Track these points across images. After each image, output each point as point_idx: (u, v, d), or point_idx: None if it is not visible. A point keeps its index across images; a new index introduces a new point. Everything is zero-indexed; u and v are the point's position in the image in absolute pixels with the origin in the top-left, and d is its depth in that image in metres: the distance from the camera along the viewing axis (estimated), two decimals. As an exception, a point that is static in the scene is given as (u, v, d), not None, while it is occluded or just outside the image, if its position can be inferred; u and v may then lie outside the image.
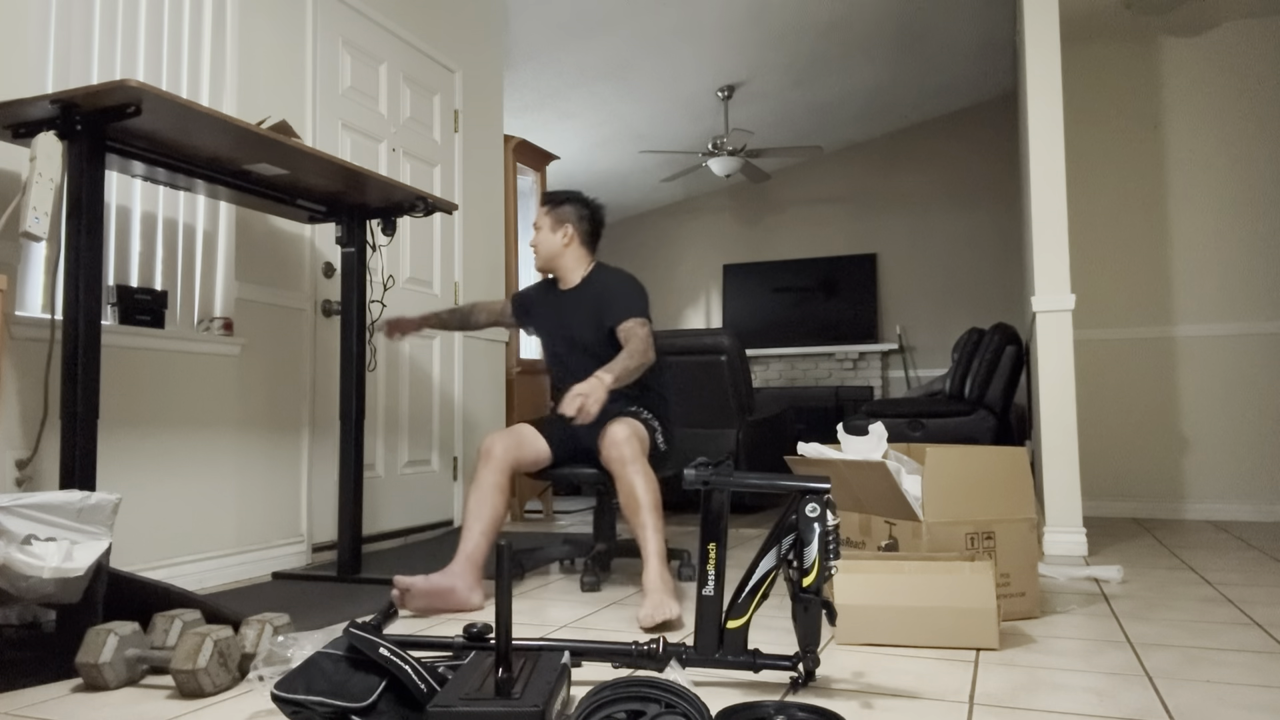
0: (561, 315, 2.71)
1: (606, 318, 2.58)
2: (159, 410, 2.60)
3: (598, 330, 2.62)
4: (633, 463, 2.34)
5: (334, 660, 1.40)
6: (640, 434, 2.43)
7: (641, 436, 2.42)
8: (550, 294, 2.78)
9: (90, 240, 1.96)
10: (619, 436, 2.37)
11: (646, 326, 2.54)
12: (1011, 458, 2.19)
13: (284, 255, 3.12)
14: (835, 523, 1.55)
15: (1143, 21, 4.25)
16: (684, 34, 5.48)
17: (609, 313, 2.58)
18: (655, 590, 2.17)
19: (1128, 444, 4.28)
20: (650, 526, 2.28)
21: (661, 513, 2.33)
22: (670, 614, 2.06)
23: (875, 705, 1.49)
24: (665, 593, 2.16)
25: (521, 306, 2.87)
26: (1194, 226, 4.26)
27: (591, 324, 2.63)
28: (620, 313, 2.56)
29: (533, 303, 2.83)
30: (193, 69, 2.81)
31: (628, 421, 2.44)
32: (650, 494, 2.32)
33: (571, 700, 1.49)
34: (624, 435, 2.37)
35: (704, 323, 8.54)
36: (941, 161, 7.73)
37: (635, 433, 2.41)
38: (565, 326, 2.70)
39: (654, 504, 2.32)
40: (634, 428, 2.43)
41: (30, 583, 1.60)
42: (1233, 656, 1.78)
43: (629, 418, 2.49)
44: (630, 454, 2.35)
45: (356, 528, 2.83)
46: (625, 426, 2.40)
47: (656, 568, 2.23)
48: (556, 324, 2.73)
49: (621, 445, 2.35)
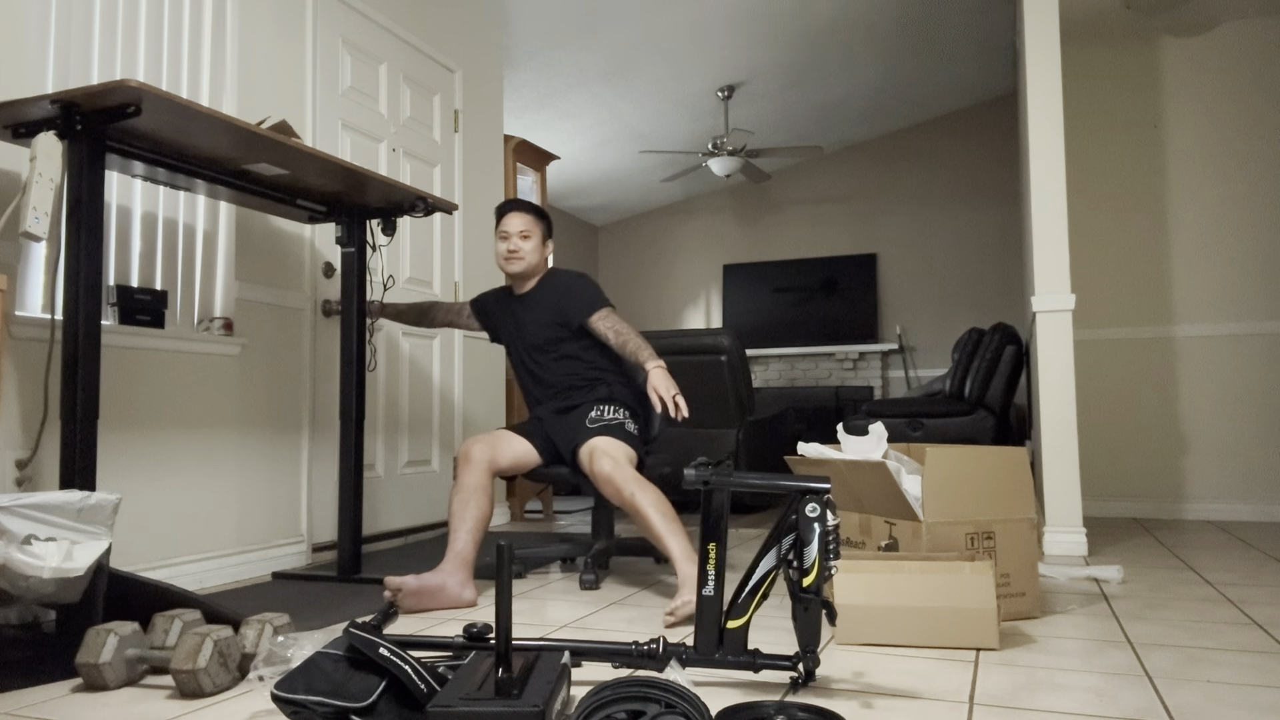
0: (520, 320, 2.77)
1: (573, 316, 2.66)
2: (159, 410, 2.60)
3: (558, 329, 2.68)
4: (624, 486, 2.37)
5: (334, 660, 1.39)
6: (616, 452, 2.45)
7: (617, 454, 2.44)
8: (507, 301, 2.84)
9: (90, 240, 1.96)
10: (602, 472, 2.40)
11: (615, 311, 2.68)
12: (1011, 458, 2.19)
13: (284, 255, 3.12)
14: (835, 523, 1.55)
15: (1143, 21, 4.24)
16: (684, 34, 5.48)
17: (575, 310, 2.66)
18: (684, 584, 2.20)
19: (1128, 444, 4.28)
20: (666, 533, 2.31)
21: (669, 512, 2.35)
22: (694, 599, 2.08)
23: (875, 705, 1.49)
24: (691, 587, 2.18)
25: (482, 310, 2.93)
26: (1194, 226, 4.26)
27: (550, 323, 2.69)
28: (587, 307, 2.66)
29: (492, 308, 2.89)
30: (193, 69, 2.81)
31: (601, 448, 2.45)
32: (653, 505, 2.34)
33: (571, 700, 1.49)
34: (608, 468, 2.39)
35: (704, 323, 8.55)
36: (941, 161, 7.73)
37: (613, 454, 2.43)
38: (523, 329, 2.76)
39: (661, 511, 2.34)
40: (609, 451, 2.44)
41: (30, 583, 1.60)
42: (1233, 656, 1.78)
43: (600, 435, 2.51)
44: (620, 480, 2.38)
45: (356, 528, 2.83)
46: (604, 458, 2.42)
47: (682, 569, 2.25)
48: (516, 330, 2.78)
49: (611, 477, 2.39)
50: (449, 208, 2.91)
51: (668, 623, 2.10)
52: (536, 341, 2.72)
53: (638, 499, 2.35)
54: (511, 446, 2.58)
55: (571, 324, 2.66)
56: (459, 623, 2.14)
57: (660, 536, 2.32)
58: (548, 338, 2.69)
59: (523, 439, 2.62)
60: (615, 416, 2.61)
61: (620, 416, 2.62)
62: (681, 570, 2.25)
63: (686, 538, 2.31)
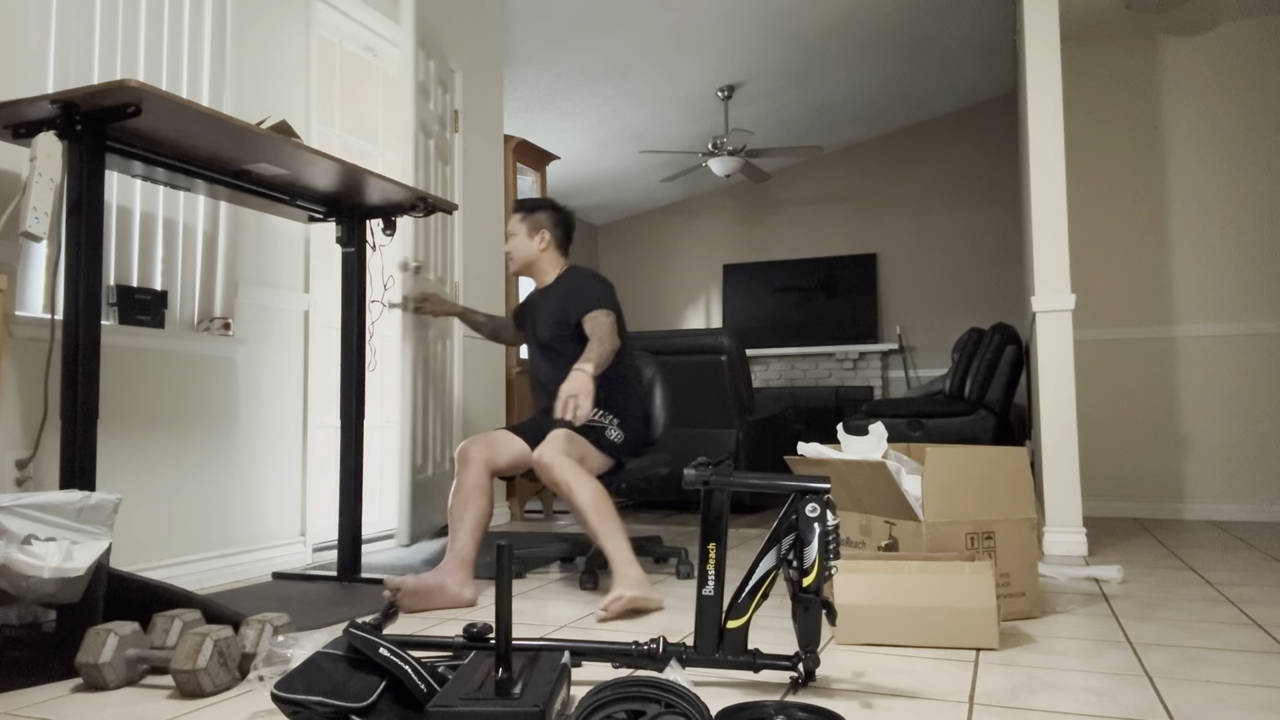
0: (535, 314, 2.77)
1: (572, 312, 2.63)
2: (159, 410, 2.60)
3: (559, 327, 2.66)
4: (560, 476, 2.35)
5: (334, 660, 1.39)
6: (562, 443, 2.41)
7: (561, 444, 2.40)
8: (532, 295, 2.85)
9: (90, 240, 1.96)
10: (541, 460, 2.38)
11: (611, 316, 2.58)
12: (1011, 458, 2.19)
13: (283, 255, 3.12)
14: (835, 523, 1.55)
15: (1143, 21, 4.24)
16: (684, 34, 5.48)
17: (575, 306, 2.63)
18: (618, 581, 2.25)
19: (1128, 444, 4.28)
20: (602, 533, 2.32)
21: (607, 511, 2.34)
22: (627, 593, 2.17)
23: (875, 705, 1.49)
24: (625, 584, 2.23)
25: (519, 317, 2.93)
26: (1194, 226, 4.26)
27: (554, 320, 2.67)
28: (585, 305, 2.61)
29: (523, 306, 2.89)
30: (193, 69, 2.81)
31: (550, 437, 2.42)
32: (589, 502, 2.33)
33: (571, 700, 1.49)
34: (547, 457, 2.37)
35: (704, 323, 8.54)
36: (942, 162, 7.73)
37: (557, 444, 2.40)
38: (536, 324, 2.75)
39: (598, 508, 2.33)
40: (553, 440, 2.41)
41: (30, 583, 1.60)
42: (1233, 656, 1.78)
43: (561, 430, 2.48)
44: (558, 470, 2.35)
45: (356, 528, 2.83)
46: (546, 446, 2.40)
47: (618, 569, 2.29)
48: (531, 324, 2.78)
49: (550, 466, 2.36)
50: (449, 208, 2.91)
51: (600, 618, 2.16)
52: (544, 338, 2.70)
53: (574, 493, 2.34)
54: (510, 446, 2.58)
55: (569, 320, 2.63)
56: (459, 622, 2.14)
57: (595, 535, 2.33)
58: (552, 335, 2.68)
59: (520, 439, 2.61)
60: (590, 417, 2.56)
61: (594, 417, 2.58)
62: (618, 571, 2.27)
63: (624, 536, 2.32)
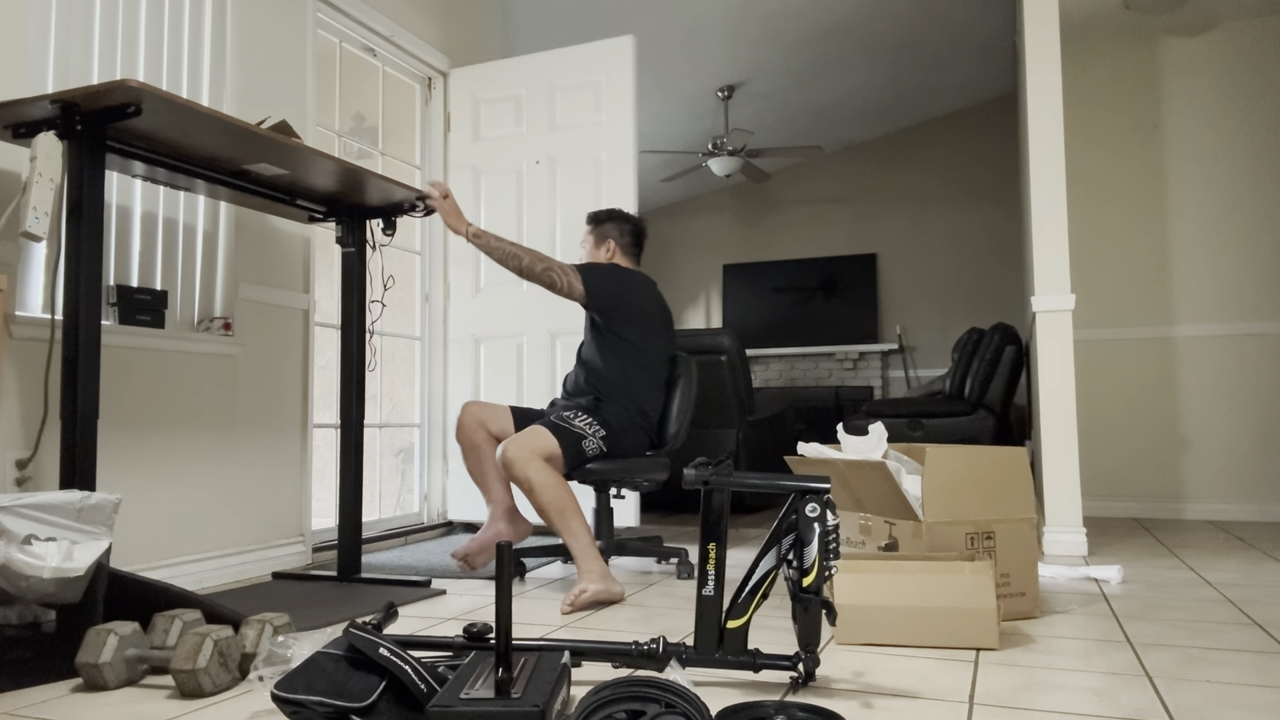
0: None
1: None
2: (159, 410, 2.60)
3: (592, 329, 2.71)
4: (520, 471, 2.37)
5: (334, 660, 1.40)
6: (529, 440, 2.41)
7: (526, 441, 2.41)
8: None
9: (90, 240, 1.96)
10: (504, 454, 2.40)
11: (569, 273, 2.57)
12: (1011, 458, 2.19)
13: (284, 255, 3.12)
14: (835, 523, 1.55)
15: (1143, 21, 4.25)
16: (684, 34, 5.48)
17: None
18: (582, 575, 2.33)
19: (1128, 444, 4.28)
20: (563, 530, 2.38)
21: (569, 508, 2.38)
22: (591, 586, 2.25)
23: (875, 705, 1.49)
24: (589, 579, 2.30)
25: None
26: (1194, 226, 4.26)
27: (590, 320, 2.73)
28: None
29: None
30: (193, 69, 2.81)
31: (520, 436, 2.43)
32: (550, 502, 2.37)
33: (571, 700, 1.49)
34: (510, 452, 2.39)
35: (704, 323, 8.54)
36: (941, 162, 7.73)
37: (524, 440, 2.41)
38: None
39: (558, 506, 2.37)
40: (520, 436, 2.42)
41: (30, 583, 1.60)
42: (1233, 656, 1.78)
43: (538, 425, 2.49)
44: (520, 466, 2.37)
45: (356, 528, 2.83)
46: (512, 441, 2.41)
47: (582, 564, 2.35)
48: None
49: (512, 461, 2.39)
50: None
51: (564, 610, 2.23)
52: (585, 338, 2.78)
53: (535, 491, 2.37)
54: (501, 421, 2.68)
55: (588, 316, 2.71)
56: (459, 622, 2.14)
57: (557, 532, 2.40)
58: (586, 339, 2.75)
59: (512, 421, 2.69)
60: (574, 421, 2.54)
61: (580, 423, 2.54)
62: (581, 565, 2.35)
63: (585, 532, 2.37)
